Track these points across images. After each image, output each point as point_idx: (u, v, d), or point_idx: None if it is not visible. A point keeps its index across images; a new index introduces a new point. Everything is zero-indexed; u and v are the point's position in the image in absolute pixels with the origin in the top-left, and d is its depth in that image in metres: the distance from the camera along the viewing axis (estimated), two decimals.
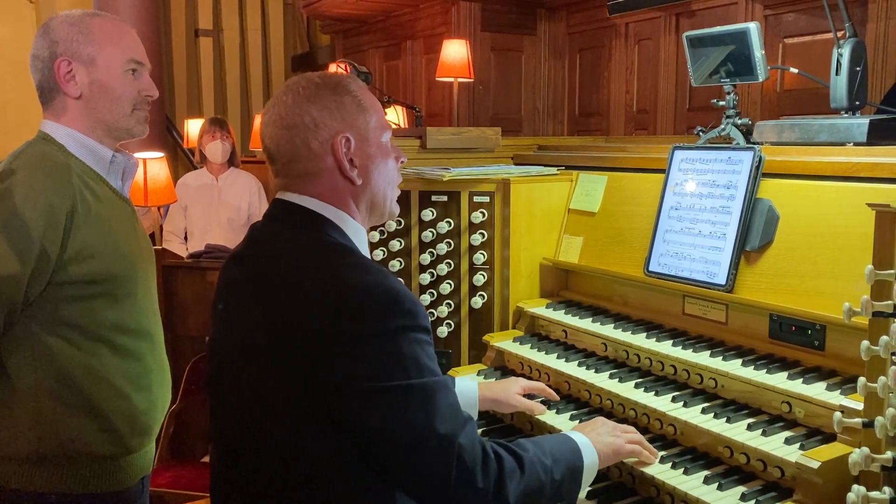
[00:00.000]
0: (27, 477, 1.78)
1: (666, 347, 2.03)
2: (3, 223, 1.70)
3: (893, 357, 1.38)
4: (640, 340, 2.09)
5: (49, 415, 1.77)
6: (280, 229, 1.56)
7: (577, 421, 1.97)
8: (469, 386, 1.98)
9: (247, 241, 1.62)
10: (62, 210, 1.74)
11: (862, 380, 1.41)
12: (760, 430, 1.69)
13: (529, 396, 2.06)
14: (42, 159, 1.79)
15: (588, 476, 1.63)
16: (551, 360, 2.21)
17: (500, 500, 1.44)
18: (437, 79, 5.31)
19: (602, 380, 2.03)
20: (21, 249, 1.69)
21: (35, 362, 1.77)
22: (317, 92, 1.54)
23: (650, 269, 2.20)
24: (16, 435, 1.77)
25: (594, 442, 1.66)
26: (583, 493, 1.74)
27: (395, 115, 4.74)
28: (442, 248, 2.47)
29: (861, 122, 2.02)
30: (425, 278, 2.48)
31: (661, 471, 1.70)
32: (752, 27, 2.19)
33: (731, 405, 1.84)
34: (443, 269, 2.47)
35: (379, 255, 2.53)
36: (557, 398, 2.05)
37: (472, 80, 5.33)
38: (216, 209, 4.87)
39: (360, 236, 1.59)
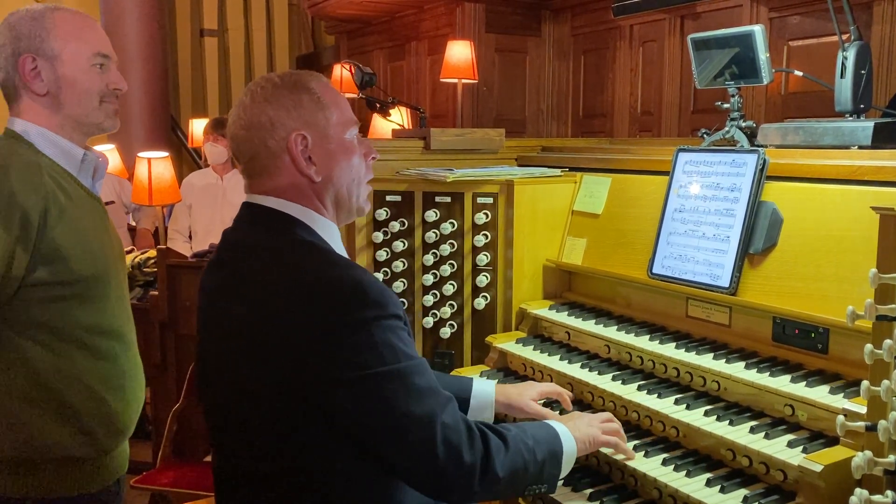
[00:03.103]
0: (2, 482, 1.76)
1: (669, 350, 2.03)
2: None
3: None
4: (644, 342, 2.09)
5: (24, 419, 1.75)
6: (250, 232, 1.58)
7: None
8: (485, 389, 1.97)
9: (220, 246, 1.63)
10: (35, 210, 1.71)
11: (865, 383, 1.41)
12: (763, 433, 1.69)
13: (546, 402, 2.05)
14: (12, 157, 1.76)
15: (567, 462, 1.66)
16: (554, 362, 2.20)
17: (489, 474, 1.47)
18: (442, 80, 5.31)
19: (605, 382, 2.03)
20: (6, 213, 1.66)
21: (7, 366, 1.74)
22: (274, 91, 1.56)
23: (653, 271, 2.20)
24: None
25: (572, 430, 1.70)
26: (585, 495, 1.74)
27: (399, 116, 4.74)
28: (445, 249, 2.47)
29: (866, 126, 2.02)
30: (428, 279, 2.48)
31: (664, 473, 1.70)
32: (757, 30, 2.19)
33: (734, 408, 1.84)
34: (446, 270, 2.47)
35: (382, 255, 2.54)
36: (571, 407, 2.03)
37: (476, 81, 5.33)
38: (220, 208, 4.88)
39: (331, 233, 1.60)
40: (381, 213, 2.52)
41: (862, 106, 2.14)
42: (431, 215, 2.49)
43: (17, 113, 1.84)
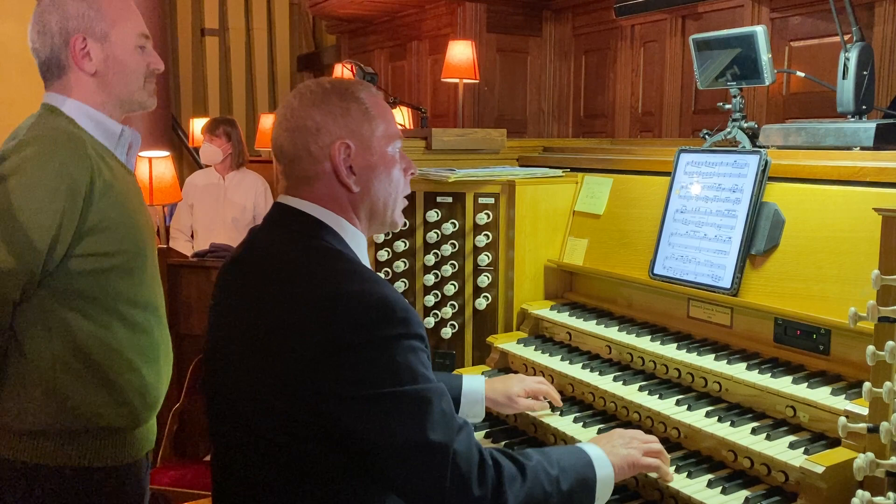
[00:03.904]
0: (41, 450, 1.79)
1: (670, 350, 2.03)
2: (25, 194, 1.70)
3: None
4: (645, 343, 2.09)
5: (64, 388, 1.78)
6: (277, 233, 1.56)
7: (581, 423, 1.97)
8: (475, 386, 1.99)
9: (245, 244, 1.62)
10: (82, 181, 1.75)
11: (867, 385, 1.41)
12: (765, 434, 1.68)
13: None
14: (57, 131, 1.79)
15: (603, 489, 1.58)
16: (555, 363, 2.20)
17: None
18: (443, 80, 5.31)
19: (606, 382, 2.03)
20: (43, 219, 1.71)
21: (50, 335, 1.78)
22: (324, 97, 1.54)
23: (655, 271, 2.20)
24: (30, 409, 1.78)
25: (609, 454, 1.61)
26: None
27: (401, 116, 4.74)
28: (446, 249, 2.47)
29: (868, 126, 2.02)
30: (429, 279, 2.48)
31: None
32: (759, 30, 2.19)
33: (736, 409, 1.84)
34: (447, 270, 2.47)
35: (384, 255, 2.54)
36: (561, 403, 2.04)
37: (477, 81, 5.33)
38: (221, 208, 4.88)
39: (359, 243, 1.58)
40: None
41: (864, 107, 2.13)
42: (433, 215, 2.49)
43: (57, 89, 1.87)
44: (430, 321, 2.50)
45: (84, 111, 1.86)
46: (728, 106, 2.36)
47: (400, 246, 2.51)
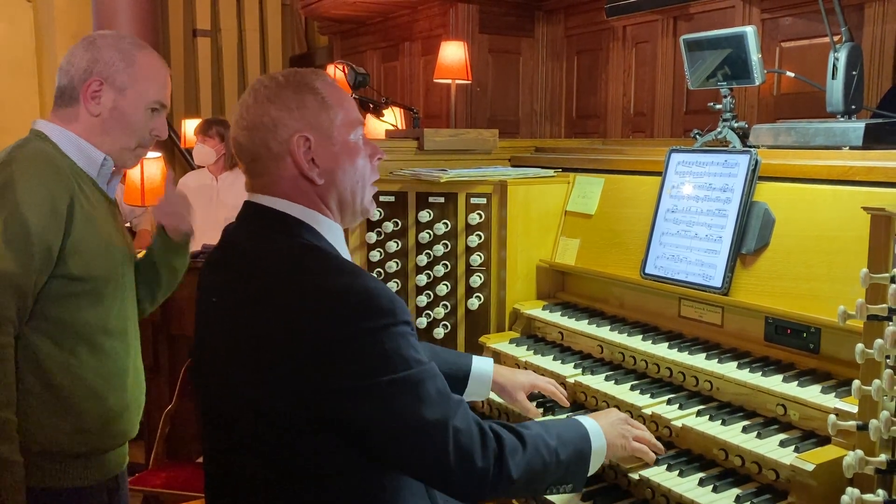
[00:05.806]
0: None
1: (662, 350, 2.03)
2: (8, 214, 1.72)
3: (888, 360, 1.38)
4: (636, 343, 2.10)
5: (23, 410, 1.76)
6: (252, 233, 1.55)
7: None
8: (484, 368, 2.01)
9: (221, 244, 1.61)
10: (62, 202, 1.77)
11: (856, 383, 1.42)
12: (755, 433, 1.69)
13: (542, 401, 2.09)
14: (39, 154, 1.83)
15: (596, 460, 1.64)
16: (547, 362, 2.21)
17: (502, 476, 1.45)
18: (435, 80, 5.31)
19: (598, 382, 2.04)
20: (27, 241, 1.72)
21: (15, 357, 1.76)
22: (278, 91, 1.52)
23: (646, 271, 2.20)
24: None
25: (604, 428, 1.67)
26: (578, 495, 1.74)
27: (393, 117, 4.74)
28: (439, 249, 2.47)
29: (857, 126, 2.03)
30: (422, 280, 2.49)
31: (657, 473, 1.71)
32: (749, 31, 2.20)
33: (727, 407, 1.85)
34: (439, 270, 2.47)
35: (376, 255, 2.54)
36: (568, 404, 2.05)
37: (469, 81, 5.33)
38: (214, 209, 4.87)
39: (335, 234, 1.57)
40: (375, 214, 2.52)
41: (853, 107, 2.14)
42: (425, 216, 2.49)
43: (56, 117, 1.91)
44: (422, 321, 2.50)
45: (68, 138, 1.88)
46: (719, 106, 2.37)
47: (392, 246, 2.51)
